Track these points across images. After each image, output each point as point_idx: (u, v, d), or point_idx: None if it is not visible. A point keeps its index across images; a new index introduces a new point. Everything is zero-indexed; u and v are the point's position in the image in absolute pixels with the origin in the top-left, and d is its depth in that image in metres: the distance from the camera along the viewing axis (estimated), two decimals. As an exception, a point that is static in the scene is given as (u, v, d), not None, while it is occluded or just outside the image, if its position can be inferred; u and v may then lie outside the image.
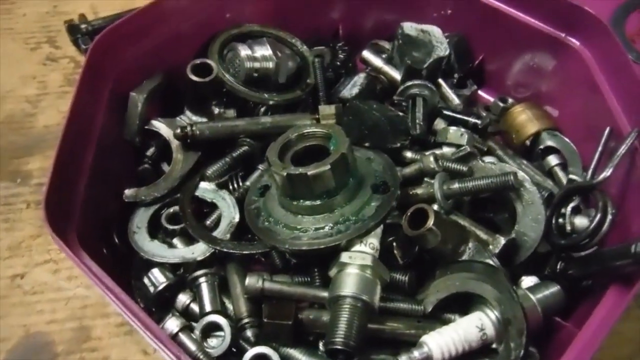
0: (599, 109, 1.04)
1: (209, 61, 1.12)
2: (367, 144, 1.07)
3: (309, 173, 0.89)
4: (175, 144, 1.11)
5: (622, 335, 1.00)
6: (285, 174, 0.90)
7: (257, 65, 1.17)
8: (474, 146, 1.12)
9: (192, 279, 0.97)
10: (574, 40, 1.11)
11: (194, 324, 0.94)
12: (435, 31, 1.24)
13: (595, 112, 1.05)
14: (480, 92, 1.36)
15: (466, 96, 1.29)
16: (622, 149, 0.92)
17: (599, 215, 0.91)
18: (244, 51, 1.17)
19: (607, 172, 0.93)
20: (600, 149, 0.98)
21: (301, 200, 0.93)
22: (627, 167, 0.95)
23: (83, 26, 1.49)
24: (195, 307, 0.97)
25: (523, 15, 1.17)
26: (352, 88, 1.20)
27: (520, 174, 0.96)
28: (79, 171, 0.96)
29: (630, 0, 1.48)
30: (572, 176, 1.05)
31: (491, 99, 1.33)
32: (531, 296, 0.91)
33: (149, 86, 1.13)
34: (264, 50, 1.19)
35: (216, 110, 1.15)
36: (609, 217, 0.90)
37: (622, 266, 0.78)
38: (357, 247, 0.90)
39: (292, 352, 0.92)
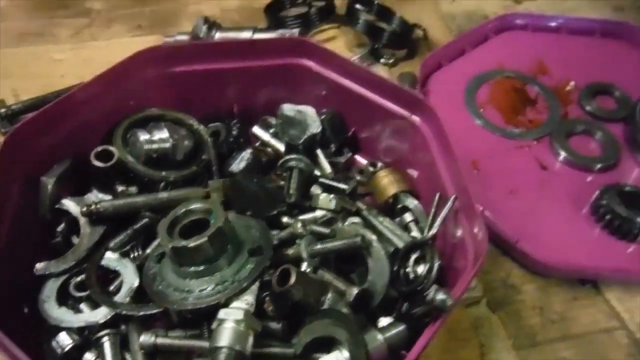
0: (435, 176, 1.28)
1: (110, 148, 1.30)
2: (248, 213, 1.27)
3: (189, 245, 1.08)
4: (82, 220, 1.27)
5: (463, 361, 1.22)
6: (170, 246, 1.09)
7: (155, 147, 1.36)
8: (343, 208, 1.34)
9: (96, 339, 1.12)
10: (416, 119, 1.35)
11: (97, 380, 1.09)
12: (309, 111, 1.48)
13: (433, 179, 1.29)
14: (357, 157, 1.59)
15: (342, 163, 1.51)
16: (444, 213, 1.16)
17: (427, 266, 1.13)
18: (142, 136, 1.35)
19: (434, 230, 1.16)
20: (432, 210, 1.22)
21: (187, 267, 1.11)
22: (453, 223, 1.19)
23: (2, 110, 1.65)
24: (99, 364, 1.12)
25: (380, 99, 1.42)
26: (239, 163, 1.41)
27: (368, 235, 1.18)
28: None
29: (482, 74, 1.78)
30: (413, 233, 1.27)
31: (365, 163, 1.56)
32: (379, 335, 1.11)
33: (58, 170, 1.30)
34: (161, 134, 1.38)
35: (120, 188, 1.32)
36: (435, 267, 1.13)
37: (431, 309, 0.99)
38: (234, 304, 1.09)
39: (182, 398, 1.08)
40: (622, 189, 1.38)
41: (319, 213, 1.33)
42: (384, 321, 1.20)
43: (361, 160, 1.59)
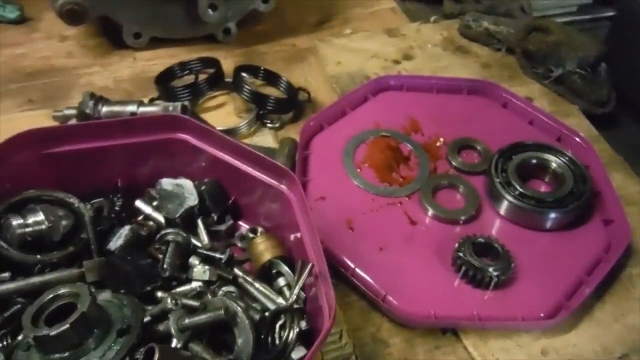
0: (300, 243, 1.36)
1: (-22, 235, 1.31)
2: (122, 291, 1.31)
3: (51, 334, 1.11)
4: (-49, 311, 1.27)
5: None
6: (32, 336, 1.11)
7: (29, 230, 1.38)
8: (219, 276, 1.41)
9: None
10: (283, 187, 1.45)
11: None
12: (187, 184, 1.55)
13: (300, 246, 1.37)
14: (240, 223, 1.66)
15: (223, 231, 1.58)
16: (302, 280, 1.25)
17: (287, 331, 1.21)
18: (15, 220, 1.38)
19: (292, 298, 1.24)
20: (295, 277, 1.30)
21: (52, 354, 1.14)
22: (314, 288, 1.27)
23: None
24: None
25: (252, 170, 1.51)
26: (117, 240, 1.45)
27: (233, 307, 1.25)
28: None
29: (360, 134, 1.90)
30: (279, 300, 1.35)
31: (246, 228, 1.64)
32: (244, 405, 1.16)
33: None
34: (36, 217, 1.40)
35: (-10, 276, 1.33)
36: (296, 330, 1.20)
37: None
38: (98, 386, 1.12)
39: None
40: (475, 241, 1.52)
41: (195, 284, 1.39)
42: (253, 388, 1.26)
43: (245, 225, 1.67)
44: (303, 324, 1.24)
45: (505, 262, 1.49)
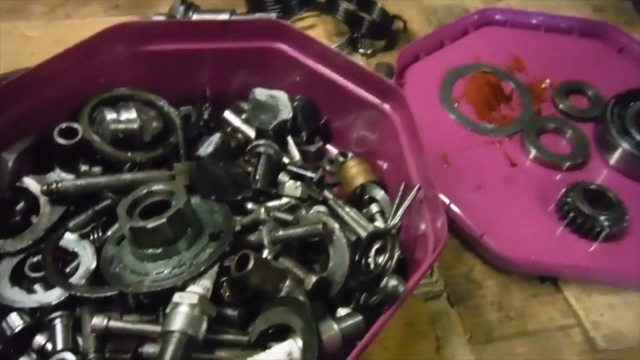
0: (402, 167, 1.27)
1: (74, 125, 1.28)
2: (213, 197, 1.26)
3: (147, 226, 1.06)
4: (43, 199, 1.25)
5: (418, 354, 1.22)
6: (129, 226, 1.07)
7: (122, 127, 1.34)
8: (310, 196, 1.34)
9: (48, 321, 1.11)
10: (387, 107, 1.35)
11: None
12: (281, 96, 1.46)
13: (400, 170, 1.28)
14: (329, 146, 1.58)
15: (312, 152, 1.50)
16: (407, 202, 1.16)
17: (387, 256, 1.13)
18: (109, 115, 1.33)
19: (395, 220, 1.16)
20: (396, 200, 1.21)
21: (145, 249, 1.10)
22: (414, 216, 1.19)
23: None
24: (50, 347, 1.10)
25: (353, 86, 1.40)
26: (207, 147, 1.39)
27: (330, 223, 1.17)
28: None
29: (458, 68, 1.77)
30: (377, 223, 1.27)
31: (335, 152, 1.55)
32: (335, 325, 1.10)
33: (20, 147, 1.27)
34: (129, 114, 1.35)
35: (83, 168, 1.30)
36: (395, 256, 1.13)
37: (384, 298, 0.99)
38: (190, 288, 1.08)
39: (134, 381, 1.07)
40: (587, 187, 1.39)
41: (284, 200, 1.32)
42: (342, 312, 1.20)
43: (332, 149, 1.58)
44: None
45: (618, 213, 1.36)
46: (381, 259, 1.19)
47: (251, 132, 1.46)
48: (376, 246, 1.21)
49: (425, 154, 1.18)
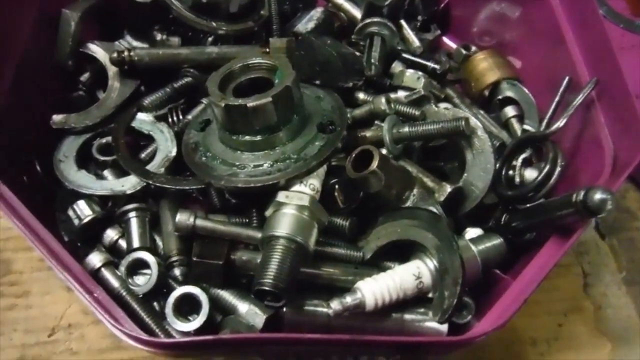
0: (561, 60, 0.99)
1: (151, -20, 1.03)
2: (317, 82, 1.01)
3: (248, 105, 0.83)
4: (112, 70, 1.03)
5: (560, 291, 1.00)
6: (223, 104, 0.84)
7: (205, -11, 1.08)
8: (430, 92, 1.08)
9: (121, 214, 0.91)
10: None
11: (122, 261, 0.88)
12: (400, -33, 1.17)
13: (558, 63, 1.00)
14: (444, 38, 1.31)
15: (429, 41, 1.23)
16: (578, 100, 0.89)
17: (547, 167, 0.88)
18: (192, -26, 1.07)
19: (560, 123, 0.89)
20: (557, 98, 0.94)
21: (240, 135, 0.87)
22: (583, 119, 0.92)
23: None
24: (123, 244, 0.91)
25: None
26: (307, 22, 1.13)
27: (473, 120, 0.92)
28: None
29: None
30: (526, 127, 1.01)
31: (454, 46, 1.27)
32: (472, 247, 0.88)
33: (84, 4, 1.03)
34: (215, -25, 1.09)
35: (159, 37, 1.07)
36: (558, 169, 0.88)
37: (563, 216, 0.75)
38: (296, 187, 0.86)
39: (223, 293, 0.88)
40: None
41: (401, 93, 1.06)
42: (471, 232, 0.97)
43: (448, 42, 1.30)
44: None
45: None
46: (529, 173, 0.94)
47: (356, 12, 1.19)
48: (523, 155, 0.96)
49: (609, 42, 0.89)
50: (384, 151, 0.94)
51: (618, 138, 0.85)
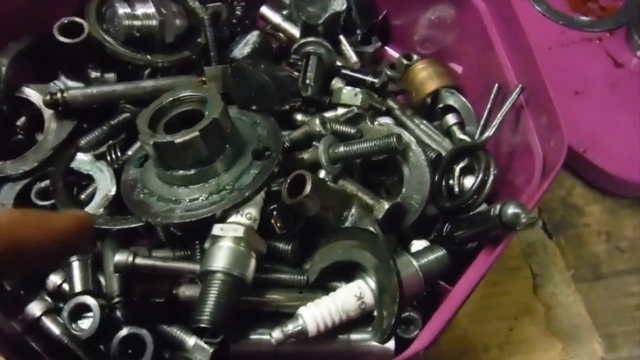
0: (492, 66, 1.00)
1: (79, 20, 1.02)
2: (254, 107, 1.01)
3: (176, 141, 0.83)
4: (47, 112, 1.03)
5: (511, 294, 1.00)
6: (152, 142, 0.84)
7: (137, 23, 1.08)
8: (371, 106, 1.08)
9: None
10: (470, -7, 1.06)
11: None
12: (332, -16, 1.17)
13: (490, 70, 1.01)
14: (387, 49, 1.31)
15: (369, 54, 1.23)
16: (506, 107, 0.90)
17: (480, 176, 0.88)
18: (122, 9, 1.07)
19: (490, 132, 0.90)
20: (488, 106, 0.95)
21: (174, 170, 0.87)
22: (514, 125, 0.93)
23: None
24: (67, 288, 0.91)
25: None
26: (244, 47, 1.13)
27: (406, 135, 0.93)
28: None
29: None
30: (461, 136, 1.02)
31: (397, 56, 1.28)
32: (414, 262, 0.88)
33: (15, 48, 1.03)
34: (145, 8, 1.09)
35: (93, 75, 1.06)
36: (491, 177, 0.88)
37: (489, 229, 0.75)
38: (233, 218, 0.86)
39: (169, 329, 0.88)
40: None
41: (340, 111, 1.07)
42: (417, 244, 0.98)
43: (391, 52, 1.31)
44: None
45: None
46: (468, 182, 0.95)
47: (295, 31, 1.19)
48: (461, 165, 0.97)
49: (530, 47, 0.90)
50: (322, 173, 0.95)
51: (545, 141, 0.86)
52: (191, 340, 0.86)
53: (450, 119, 1.09)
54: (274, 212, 0.91)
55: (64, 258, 0.86)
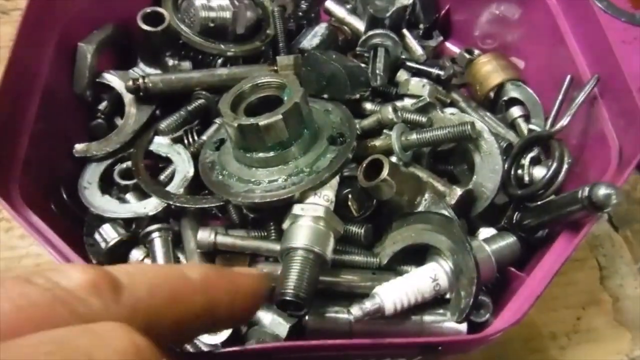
0: (562, 59, 1.01)
1: (160, 9, 1.07)
2: (325, 96, 1.04)
3: (260, 123, 0.86)
4: (128, 97, 1.07)
5: (577, 285, 1.01)
6: (236, 124, 0.88)
7: (213, 14, 1.12)
8: (436, 98, 1.10)
9: (145, 235, 0.95)
10: (536, -13, 1.07)
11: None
12: (399, -21, 1.20)
13: (559, 62, 1.02)
14: (447, 44, 1.33)
15: (432, 47, 1.25)
16: (581, 97, 0.91)
17: (554, 165, 0.90)
18: (199, 1, 1.12)
19: (564, 121, 0.91)
20: (560, 97, 0.96)
21: (254, 152, 0.91)
22: (587, 116, 0.94)
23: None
24: (148, 263, 0.95)
25: (489, -39, 1.13)
26: (312, 39, 1.16)
27: (479, 124, 0.95)
28: (19, 127, 0.92)
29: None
30: (532, 126, 1.03)
31: (458, 51, 1.30)
32: (486, 247, 0.90)
33: (98, 37, 1.08)
34: (220, 0, 1.14)
35: (170, 62, 1.11)
36: (565, 166, 0.89)
37: (571, 212, 0.77)
38: (310, 199, 0.89)
39: (246, 305, 0.91)
40: None
41: (408, 101, 1.09)
42: (484, 232, 0.99)
43: (451, 47, 1.33)
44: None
45: None
46: (538, 171, 0.96)
47: (360, 25, 1.22)
48: (530, 155, 0.98)
49: (605, 38, 0.92)
50: (393, 159, 0.97)
51: (622, 132, 0.86)
52: (267, 317, 0.89)
53: (515, 111, 1.11)
54: (349, 196, 0.94)
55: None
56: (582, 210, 0.74)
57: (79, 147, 1.02)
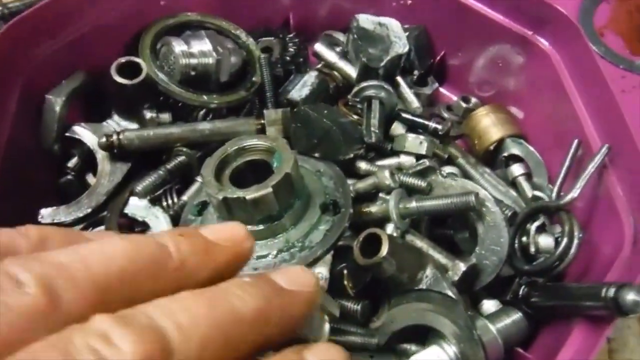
0: (566, 116, 0.96)
1: (136, 59, 0.98)
2: (317, 155, 0.97)
3: (247, 197, 0.78)
4: (101, 154, 0.98)
5: None
6: (221, 197, 0.80)
7: (194, 62, 1.04)
8: (433, 154, 1.04)
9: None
10: (542, 40, 1.02)
11: None
12: (393, 25, 1.14)
13: (563, 119, 0.97)
14: (441, 90, 1.27)
15: (427, 95, 1.19)
16: (591, 168, 0.85)
17: (565, 240, 0.84)
18: (178, 46, 1.03)
19: (574, 193, 0.85)
20: (567, 163, 0.91)
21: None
22: (596, 186, 0.88)
23: (-1, 9, 1.32)
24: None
25: (489, 10, 1.08)
26: (302, 89, 1.09)
27: (482, 193, 0.88)
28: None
29: (599, -11, 1.40)
30: (536, 193, 0.97)
31: (453, 97, 1.24)
32: (491, 328, 0.83)
33: (68, 87, 0.99)
34: (202, 45, 1.05)
35: (148, 115, 1.02)
36: (576, 241, 0.83)
37: (589, 308, 0.70)
38: (303, 278, 0.81)
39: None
40: None
41: (404, 159, 1.02)
42: (488, 305, 0.93)
43: (447, 93, 1.27)
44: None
45: None
46: (544, 241, 0.90)
47: (351, 70, 1.15)
48: (536, 223, 0.92)
49: (616, 104, 0.86)
50: (390, 226, 0.90)
51: (637, 206, 0.81)
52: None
53: (517, 169, 1.05)
54: (344, 272, 0.86)
55: None
56: (601, 309, 0.67)
57: (45, 212, 0.93)
